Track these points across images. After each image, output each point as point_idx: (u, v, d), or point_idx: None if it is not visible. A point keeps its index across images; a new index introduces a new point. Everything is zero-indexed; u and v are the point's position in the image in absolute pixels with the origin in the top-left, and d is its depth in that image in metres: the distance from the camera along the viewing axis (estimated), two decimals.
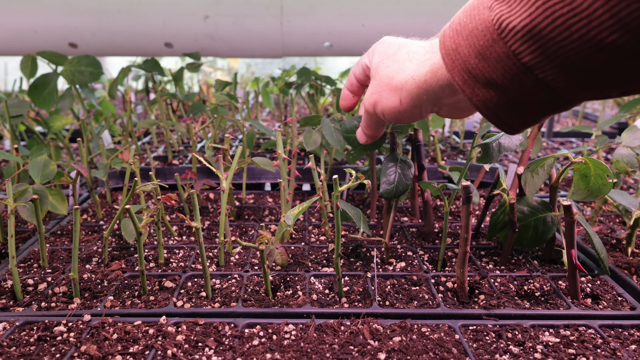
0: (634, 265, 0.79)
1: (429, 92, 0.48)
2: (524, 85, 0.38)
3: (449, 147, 1.49)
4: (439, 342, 0.58)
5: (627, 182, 1.26)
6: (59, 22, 1.24)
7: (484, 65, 0.39)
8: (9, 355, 0.55)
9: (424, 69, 0.48)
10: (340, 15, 1.26)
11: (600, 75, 0.34)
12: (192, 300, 0.67)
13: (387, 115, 0.54)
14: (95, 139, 1.23)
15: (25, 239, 0.91)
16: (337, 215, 0.63)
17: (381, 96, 0.53)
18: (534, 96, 0.39)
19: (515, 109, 0.41)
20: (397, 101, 0.51)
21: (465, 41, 0.40)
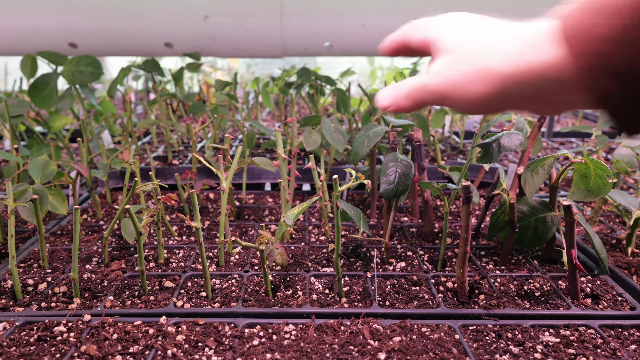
0: (634, 265, 0.79)
1: (533, 83, 0.40)
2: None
3: (449, 147, 1.49)
4: (439, 342, 0.58)
5: (627, 182, 1.26)
6: (59, 22, 1.24)
7: (628, 51, 0.32)
8: (9, 355, 0.55)
9: (532, 54, 0.39)
10: (340, 15, 1.26)
11: None
12: (192, 300, 0.67)
13: (466, 104, 0.45)
14: (95, 139, 1.23)
15: (25, 239, 0.91)
16: (337, 215, 0.63)
17: (465, 80, 0.44)
18: None
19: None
20: (488, 89, 0.42)
21: (603, 20, 0.33)
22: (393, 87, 0.50)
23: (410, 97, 0.48)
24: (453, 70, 0.45)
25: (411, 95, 0.48)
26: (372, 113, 1.28)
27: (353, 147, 0.85)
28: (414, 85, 0.48)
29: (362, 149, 0.82)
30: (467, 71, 0.43)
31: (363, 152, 0.82)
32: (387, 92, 0.51)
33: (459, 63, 0.44)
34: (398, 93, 0.49)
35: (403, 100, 0.49)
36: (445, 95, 0.45)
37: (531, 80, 0.39)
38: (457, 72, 0.44)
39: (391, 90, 0.50)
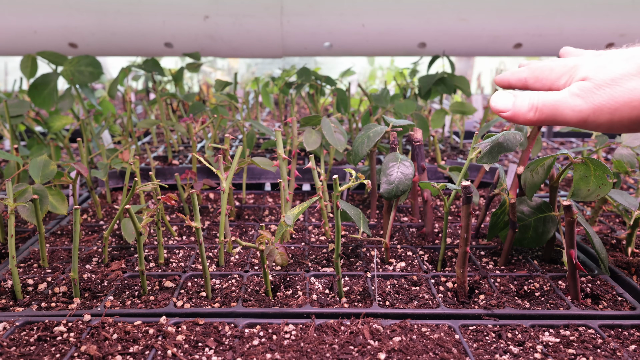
0: (634, 265, 0.79)
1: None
2: None
3: (449, 147, 1.49)
4: (439, 342, 0.58)
5: (627, 182, 1.26)
6: (59, 22, 1.24)
7: None
8: (9, 355, 0.55)
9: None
10: (340, 15, 1.26)
11: None
12: (192, 300, 0.67)
13: (612, 127, 0.46)
14: (95, 139, 1.23)
15: (25, 239, 0.91)
16: (337, 215, 0.63)
17: (615, 105, 0.44)
18: None
19: None
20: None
21: None
22: (513, 93, 0.50)
23: (541, 110, 0.48)
24: (598, 95, 0.45)
25: (543, 109, 0.48)
26: (372, 113, 1.28)
27: (353, 147, 0.85)
28: (548, 100, 0.48)
29: (362, 149, 0.82)
30: (617, 96, 0.44)
31: (363, 152, 0.82)
32: (509, 98, 0.50)
33: (604, 88, 0.45)
34: (518, 102, 0.49)
35: (525, 111, 0.49)
36: (588, 119, 0.46)
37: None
38: (606, 97, 0.44)
39: (508, 96, 0.50)
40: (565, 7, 1.26)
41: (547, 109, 0.48)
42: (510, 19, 1.28)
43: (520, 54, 1.41)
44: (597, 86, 0.45)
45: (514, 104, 0.49)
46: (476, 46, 1.37)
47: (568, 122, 0.47)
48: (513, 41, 1.34)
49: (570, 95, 0.47)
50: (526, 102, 0.49)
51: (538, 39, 1.31)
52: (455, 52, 1.41)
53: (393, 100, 1.27)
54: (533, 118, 0.48)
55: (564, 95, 0.47)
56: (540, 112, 0.48)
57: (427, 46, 1.34)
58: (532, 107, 0.48)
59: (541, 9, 1.25)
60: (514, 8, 1.26)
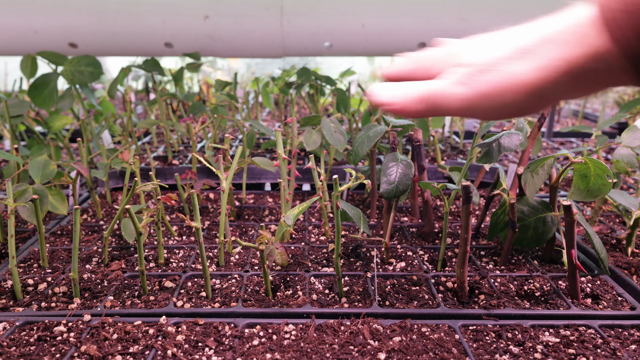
0: (634, 265, 0.79)
1: (572, 80, 0.37)
2: None
3: (449, 147, 1.49)
4: (439, 342, 0.58)
5: (627, 182, 1.26)
6: (59, 22, 1.24)
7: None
8: (9, 355, 0.55)
9: (569, 51, 0.37)
10: (340, 15, 1.26)
11: None
12: (192, 300, 0.67)
13: (497, 113, 0.43)
14: (95, 139, 1.23)
15: (25, 239, 0.91)
16: (337, 215, 0.63)
17: (497, 90, 0.41)
18: None
19: None
20: (524, 97, 0.40)
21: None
22: (398, 85, 0.46)
23: (425, 101, 0.45)
24: (481, 81, 0.42)
25: (426, 99, 0.45)
26: (372, 113, 1.28)
27: (353, 147, 0.85)
28: (432, 89, 0.44)
29: (362, 149, 0.82)
30: (500, 81, 0.41)
31: (363, 152, 0.82)
32: (391, 89, 0.46)
33: (486, 73, 0.42)
34: (408, 93, 0.45)
35: (415, 103, 0.45)
36: (473, 106, 0.43)
37: (570, 78, 0.37)
38: (487, 82, 0.41)
39: (396, 88, 0.46)
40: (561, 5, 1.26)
41: (433, 98, 0.44)
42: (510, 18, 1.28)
43: None
44: (479, 71, 0.42)
45: (403, 96, 0.45)
46: None
47: (455, 110, 0.44)
48: None
49: (454, 82, 0.43)
50: (416, 93, 0.45)
51: None
52: None
53: None
54: (423, 109, 0.45)
55: (447, 83, 0.44)
56: (427, 103, 0.44)
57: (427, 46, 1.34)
58: (421, 98, 0.45)
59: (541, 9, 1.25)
60: (513, 8, 1.26)
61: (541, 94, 0.39)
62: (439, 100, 0.44)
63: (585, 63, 0.36)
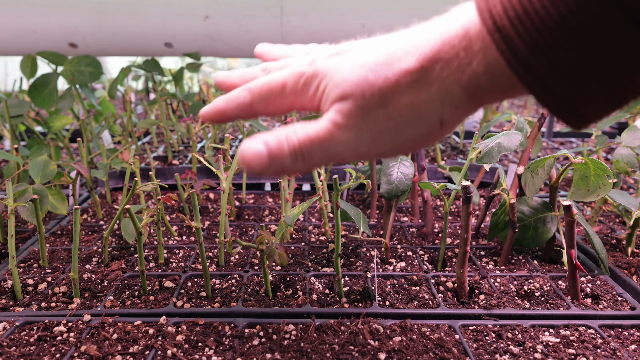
0: (634, 265, 0.79)
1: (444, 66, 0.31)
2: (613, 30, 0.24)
3: (449, 147, 1.49)
4: (439, 342, 0.58)
5: (627, 182, 1.26)
6: (58, 22, 1.24)
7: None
8: (9, 355, 0.55)
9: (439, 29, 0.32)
10: (340, 15, 1.26)
11: None
12: (192, 300, 0.67)
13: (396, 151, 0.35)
14: (95, 139, 1.23)
15: (25, 239, 0.91)
16: (337, 215, 0.63)
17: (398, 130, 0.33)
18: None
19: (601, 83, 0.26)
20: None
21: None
22: (267, 140, 0.34)
23: (313, 155, 0.35)
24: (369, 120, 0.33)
25: (314, 153, 0.35)
26: None
27: None
28: (311, 138, 0.34)
29: None
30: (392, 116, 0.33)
31: None
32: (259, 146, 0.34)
33: (373, 109, 0.33)
34: (282, 149, 0.34)
35: (299, 161, 0.35)
36: (371, 152, 0.34)
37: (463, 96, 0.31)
38: (378, 120, 0.33)
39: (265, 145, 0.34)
40: None
41: (316, 149, 0.34)
42: None
43: None
44: (364, 107, 0.32)
45: (269, 156, 0.34)
46: None
47: (351, 160, 0.35)
48: None
49: (335, 126, 0.33)
50: (286, 149, 0.34)
51: None
52: None
53: None
54: (304, 167, 0.34)
55: (327, 126, 0.33)
56: (309, 157, 0.34)
57: None
58: (295, 153, 0.34)
59: None
60: None
61: (442, 121, 0.33)
62: (324, 150, 0.34)
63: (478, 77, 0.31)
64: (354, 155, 0.34)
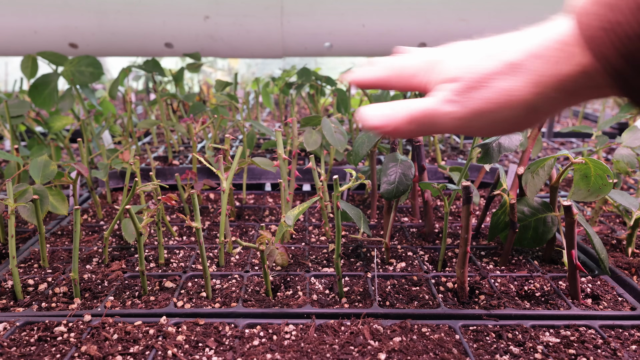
0: (634, 265, 0.79)
1: (560, 94, 0.37)
2: None
3: (449, 148, 1.49)
4: (439, 343, 0.58)
5: (628, 182, 1.26)
6: (59, 22, 1.24)
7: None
8: (9, 355, 0.55)
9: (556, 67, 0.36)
10: (340, 15, 1.26)
11: None
12: (193, 301, 0.67)
13: (490, 130, 0.42)
14: (96, 139, 1.23)
15: (25, 239, 0.91)
16: (337, 216, 0.63)
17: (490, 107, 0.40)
18: None
19: None
20: (518, 112, 0.39)
21: (622, 17, 0.30)
22: (386, 106, 0.45)
23: (416, 121, 0.43)
24: (473, 98, 0.40)
25: (417, 119, 0.43)
26: None
27: (353, 147, 0.85)
28: (422, 109, 0.43)
29: (362, 149, 0.82)
30: (492, 98, 0.39)
31: (363, 153, 0.82)
32: (379, 111, 0.45)
33: (478, 89, 0.40)
34: (396, 114, 0.44)
35: (406, 124, 0.44)
36: (468, 124, 0.42)
37: (561, 93, 0.37)
38: (481, 99, 0.40)
39: (384, 110, 0.45)
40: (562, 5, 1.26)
41: (424, 118, 0.43)
42: (511, 19, 1.28)
43: None
44: (469, 88, 0.40)
45: (392, 118, 0.44)
46: None
47: (447, 129, 0.43)
48: None
49: (444, 100, 0.42)
50: (404, 113, 0.43)
51: None
52: None
53: None
54: (414, 130, 0.44)
55: (437, 100, 0.42)
56: (418, 123, 0.43)
57: (428, 46, 1.34)
58: (411, 118, 0.43)
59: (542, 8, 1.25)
60: (514, 8, 1.26)
61: (536, 109, 0.39)
62: (431, 120, 0.43)
63: (574, 80, 0.36)
64: (455, 126, 0.42)
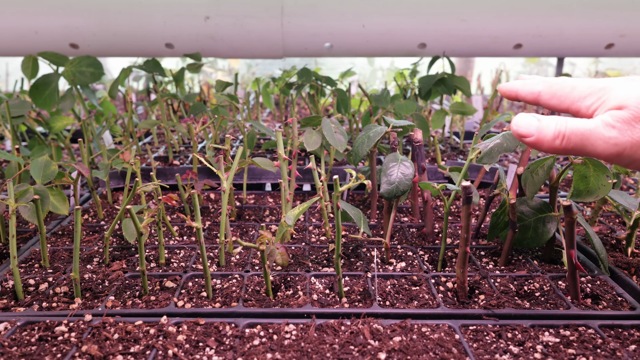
0: (633, 265, 0.79)
1: None
2: None
3: (449, 148, 1.49)
4: (439, 342, 0.58)
5: (627, 182, 1.26)
6: (60, 22, 1.24)
7: None
8: (10, 355, 0.56)
9: None
10: (340, 15, 1.26)
11: None
12: (193, 300, 0.68)
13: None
14: (96, 139, 1.24)
15: (26, 239, 0.91)
16: (337, 216, 0.63)
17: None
18: None
19: None
20: None
21: None
22: (540, 118, 0.45)
23: (569, 139, 0.43)
24: (636, 128, 0.41)
25: (570, 137, 0.43)
26: (372, 114, 1.28)
27: (353, 147, 0.85)
28: (575, 127, 0.43)
29: (363, 150, 0.83)
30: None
31: (363, 153, 0.82)
32: (532, 121, 0.45)
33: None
34: (549, 127, 0.44)
35: (551, 138, 0.43)
36: (624, 153, 0.42)
37: None
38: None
39: (538, 122, 0.44)
40: (565, 7, 1.26)
41: (576, 137, 0.42)
42: (510, 19, 1.28)
43: (521, 54, 1.41)
44: (636, 118, 0.41)
45: (538, 129, 0.44)
46: (476, 47, 1.37)
47: (599, 154, 0.43)
48: (513, 42, 1.34)
49: (604, 125, 0.42)
50: (552, 128, 0.43)
51: (538, 39, 1.31)
52: (455, 53, 1.41)
53: (393, 101, 1.27)
54: (559, 146, 0.43)
55: (596, 124, 0.42)
56: (567, 141, 0.43)
57: (427, 47, 1.35)
58: (558, 134, 0.43)
59: (541, 10, 1.26)
60: (514, 9, 1.26)
61: None
62: (583, 140, 0.42)
63: None
64: (608, 152, 0.42)
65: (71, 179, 0.91)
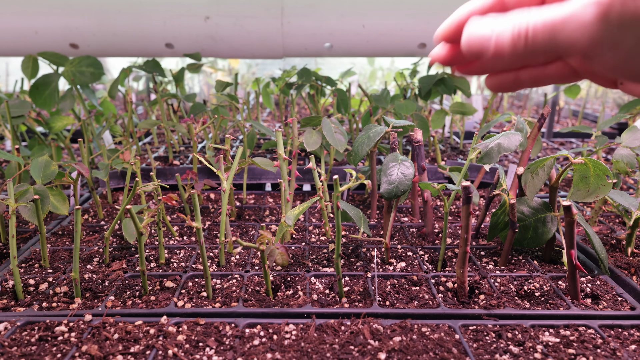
0: (633, 265, 0.79)
1: None
2: None
3: (449, 148, 1.49)
4: (439, 342, 0.58)
5: (627, 182, 1.26)
6: (60, 22, 1.24)
7: None
8: (10, 355, 0.56)
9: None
10: (340, 15, 1.26)
11: None
12: (193, 300, 0.68)
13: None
14: (96, 139, 1.24)
15: (26, 239, 0.91)
16: (337, 216, 0.63)
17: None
18: None
19: None
20: None
21: None
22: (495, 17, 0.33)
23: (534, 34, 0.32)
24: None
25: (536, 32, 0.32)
26: (372, 113, 1.28)
27: (353, 147, 0.85)
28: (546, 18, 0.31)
29: (362, 149, 0.83)
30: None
31: (363, 153, 0.82)
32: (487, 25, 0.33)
33: None
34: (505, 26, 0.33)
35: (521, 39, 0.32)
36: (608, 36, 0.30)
37: None
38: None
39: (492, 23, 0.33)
40: None
41: (544, 30, 0.31)
42: None
43: None
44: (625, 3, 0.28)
45: (493, 32, 0.33)
46: None
47: (575, 46, 0.31)
48: None
49: (584, 6, 0.30)
50: (509, 30, 0.32)
51: None
52: None
53: (393, 101, 1.27)
54: (522, 48, 0.32)
55: (571, 7, 0.30)
56: (533, 38, 0.31)
57: (427, 47, 1.35)
58: (518, 32, 0.32)
59: None
60: None
61: None
62: (552, 31, 0.31)
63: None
64: (586, 44, 0.30)
65: (71, 179, 0.91)
